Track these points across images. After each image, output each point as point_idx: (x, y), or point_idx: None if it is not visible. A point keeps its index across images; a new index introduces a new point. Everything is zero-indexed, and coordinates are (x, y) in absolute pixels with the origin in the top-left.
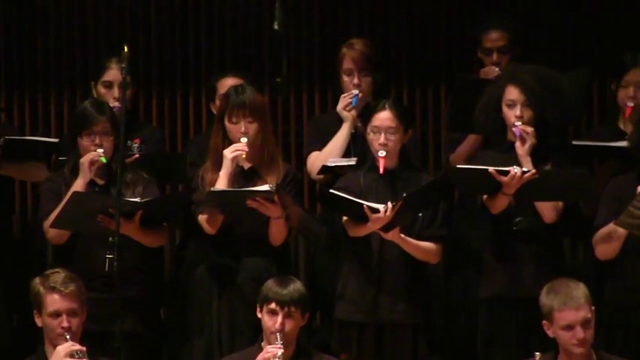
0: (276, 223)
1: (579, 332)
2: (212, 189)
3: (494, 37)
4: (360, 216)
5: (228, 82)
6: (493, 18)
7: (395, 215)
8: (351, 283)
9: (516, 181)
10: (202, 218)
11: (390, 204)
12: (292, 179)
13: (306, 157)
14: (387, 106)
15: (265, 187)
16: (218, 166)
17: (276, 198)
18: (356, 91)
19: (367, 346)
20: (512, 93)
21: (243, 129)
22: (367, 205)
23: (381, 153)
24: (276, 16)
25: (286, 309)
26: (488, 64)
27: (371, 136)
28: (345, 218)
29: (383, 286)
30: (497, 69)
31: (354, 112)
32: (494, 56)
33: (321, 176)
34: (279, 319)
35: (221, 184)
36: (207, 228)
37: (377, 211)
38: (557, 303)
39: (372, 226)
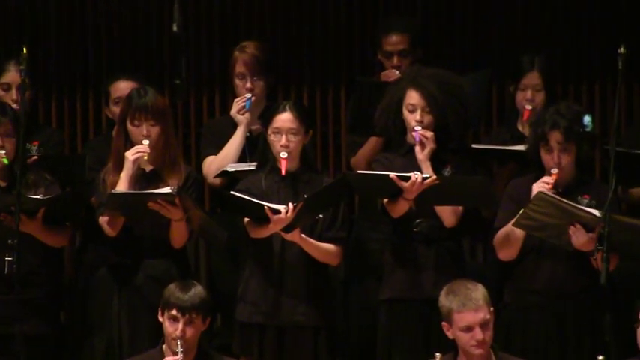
0: (177, 225)
1: (478, 333)
2: (113, 191)
3: (394, 41)
4: (262, 217)
5: (121, 86)
6: (393, 21)
7: (296, 216)
8: (252, 284)
9: (417, 187)
10: (103, 220)
11: (290, 205)
12: (194, 182)
13: (202, 161)
14: (288, 107)
15: (166, 190)
16: (120, 168)
17: (177, 200)
18: (249, 95)
19: (268, 347)
20: (413, 97)
21: (145, 132)
22: (268, 207)
23: (283, 154)
24: (175, 18)
25: (187, 316)
26: (388, 67)
27: (272, 137)
28: (246, 220)
29: (284, 288)
30: (397, 72)
31: (247, 116)
32: (395, 59)
33: (218, 180)
34: (180, 325)
35: (122, 186)
36: (108, 230)
37: (278, 212)
38: (456, 304)
39: (273, 227)
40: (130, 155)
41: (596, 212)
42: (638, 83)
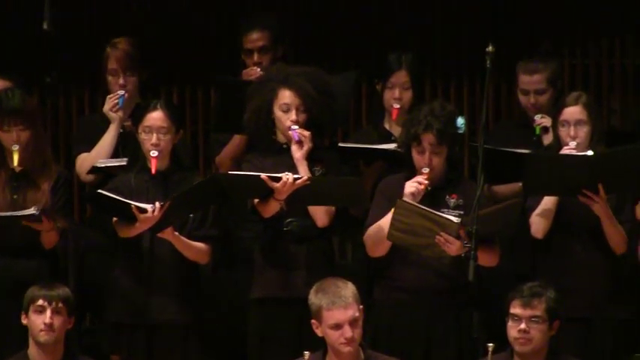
0: (47, 233)
1: (347, 331)
2: None
3: (254, 38)
4: (131, 216)
5: None
6: (253, 18)
7: (164, 215)
8: (122, 283)
9: (288, 188)
10: None
11: (158, 204)
12: (64, 183)
13: (75, 158)
14: (158, 106)
15: (31, 211)
16: None
17: (44, 218)
18: (122, 92)
19: (138, 346)
20: (287, 97)
21: (15, 137)
22: (135, 205)
23: (153, 153)
24: (46, 15)
25: (54, 304)
26: (250, 65)
27: (142, 136)
28: (115, 219)
29: (154, 287)
30: (258, 69)
31: (120, 113)
32: (255, 56)
33: (91, 177)
34: (48, 313)
35: None
36: None
37: (145, 211)
38: (326, 302)
39: (140, 227)
40: None
41: (453, 218)
42: (506, 82)
